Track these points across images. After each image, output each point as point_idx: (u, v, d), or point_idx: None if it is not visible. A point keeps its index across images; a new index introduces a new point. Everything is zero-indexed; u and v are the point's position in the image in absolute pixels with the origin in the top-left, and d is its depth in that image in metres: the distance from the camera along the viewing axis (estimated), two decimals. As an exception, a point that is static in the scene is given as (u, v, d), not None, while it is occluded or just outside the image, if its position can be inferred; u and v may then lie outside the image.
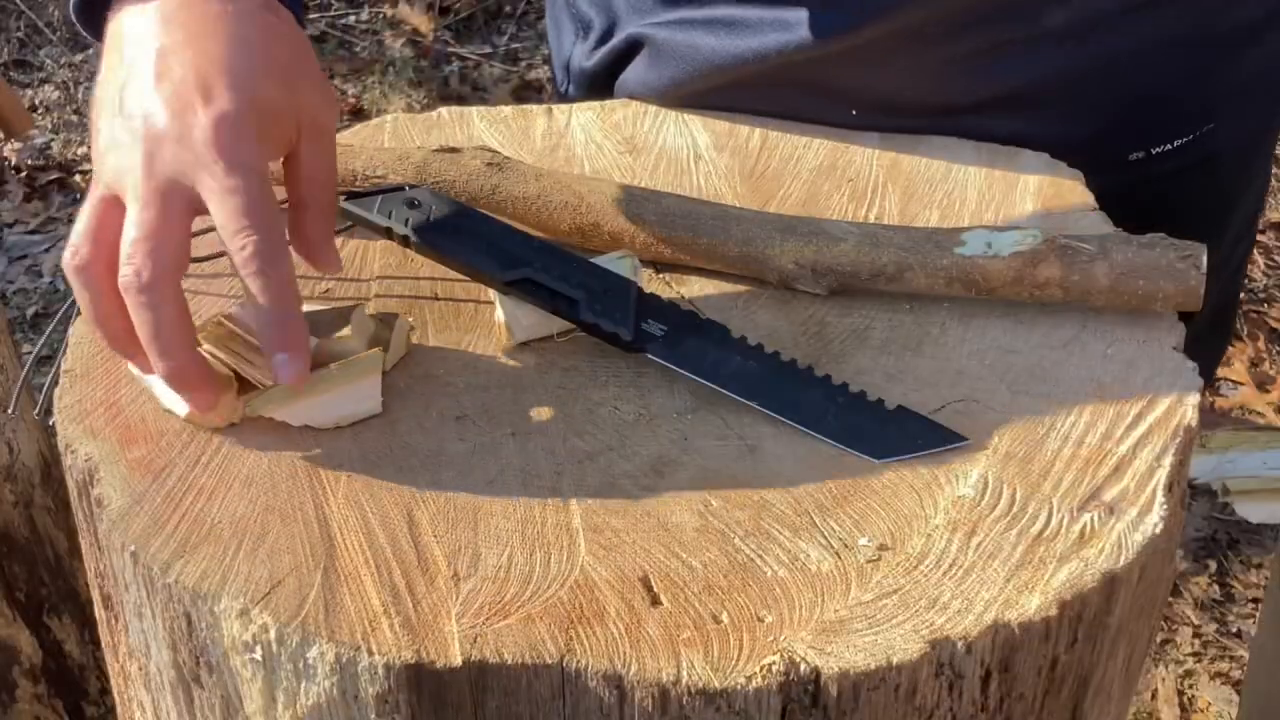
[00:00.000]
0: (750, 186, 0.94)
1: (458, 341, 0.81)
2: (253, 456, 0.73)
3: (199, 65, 0.71)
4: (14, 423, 1.46)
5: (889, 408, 0.75)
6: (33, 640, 1.53)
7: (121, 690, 0.82)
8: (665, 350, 0.77)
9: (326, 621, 0.64)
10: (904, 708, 0.64)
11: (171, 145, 0.69)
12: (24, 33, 3.35)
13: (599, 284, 0.78)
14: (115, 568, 0.71)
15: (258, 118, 0.71)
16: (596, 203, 0.86)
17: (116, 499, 0.70)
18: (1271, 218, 2.77)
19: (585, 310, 0.77)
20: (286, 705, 0.66)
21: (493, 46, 3.30)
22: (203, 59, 0.71)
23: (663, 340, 0.77)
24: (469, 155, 0.88)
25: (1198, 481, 2.18)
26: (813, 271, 0.83)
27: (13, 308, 2.58)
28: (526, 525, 0.69)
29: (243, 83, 0.71)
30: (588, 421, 0.75)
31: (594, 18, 1.05)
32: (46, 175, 2.95)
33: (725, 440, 0.74)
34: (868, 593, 0.65)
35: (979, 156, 0.95)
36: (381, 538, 0.68)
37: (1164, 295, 0.79)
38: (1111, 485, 0.71)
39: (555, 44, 1.14)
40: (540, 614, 0.64)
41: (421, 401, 0.77)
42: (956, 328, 0.81)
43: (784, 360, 0.77)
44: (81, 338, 0.80)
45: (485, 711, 0.64)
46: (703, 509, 0.70)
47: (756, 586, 0.66)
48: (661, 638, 0.63)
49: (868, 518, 0.70)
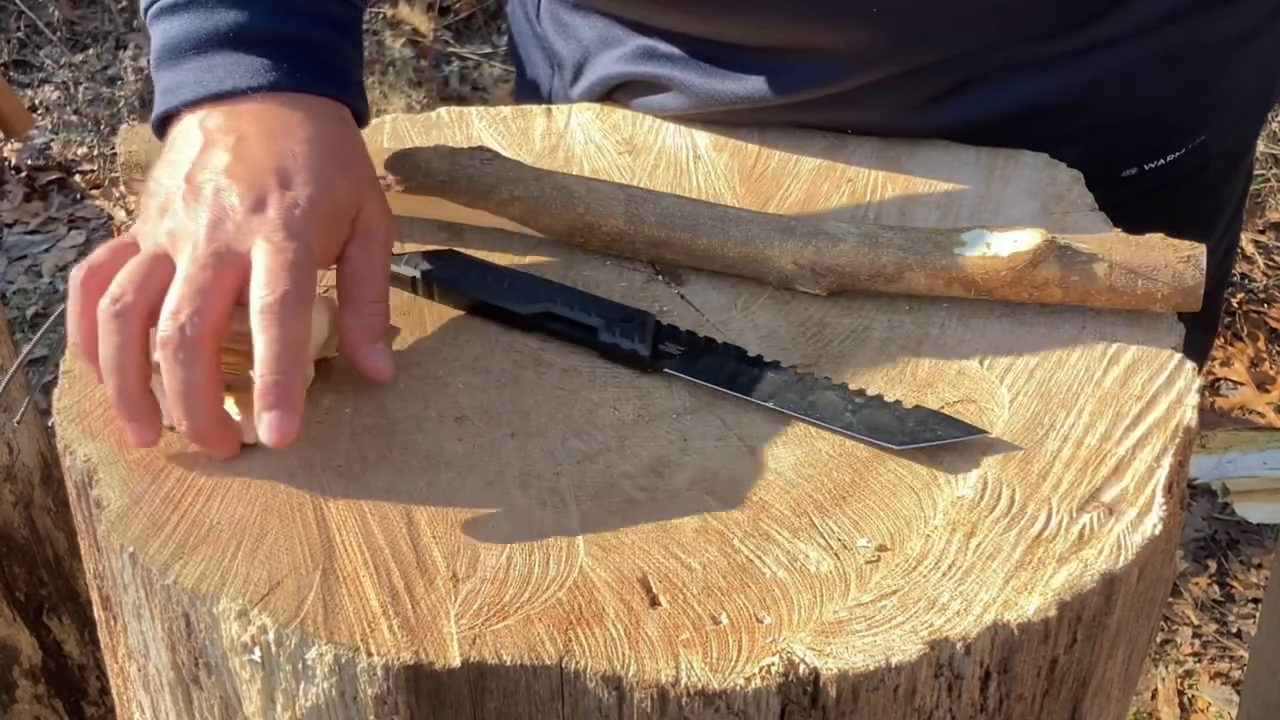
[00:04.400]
0: (750, 187, 0.94)
1: (457, 341, 0.81)
2: (252, 458, 0.73)
3: (279, 156, 0.74)
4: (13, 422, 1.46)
5: (906, 406, 0.75)
6: (33, 640, 1.53)
7: (121, 691, 0.82)
8: (683, 365, 0.78)
9: (325, 622, 0.64)
10: (903, 708, 0.64)
11: (239, 219, 0.72)
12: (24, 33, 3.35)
13: (616, 314, 0.80)
14: (114, 569, 0.71)
15: (327, 210, 0.74)
16: (596, 203, 0.86)
17: (115, 500, 0.70)
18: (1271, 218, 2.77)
19: (604, 333, 0.79)
20: (285, 706, 0.66)
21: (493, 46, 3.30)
22: (284, 152, 0.75)
23: (680, 358, 0.78)
24: (469, 155, 0.88)
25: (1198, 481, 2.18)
26: (812, 272, 0.83)
27: (12, 308, 2.58)
28: (526, 526, 0.69)
29: (319, 176, 0.74)
30: (587, 422, 0.75)
31: (565, 54, 1.05)
32: (46, 175, 2.95)
33: (725, 440, 0.74)
34: (867, 594, 0.65)
35: (978, 157, 0.95)
36: (380, 539, 0.68)
37: (1163, 295, 0.79)
38: (1111, 486, 0.71)
39: (528, 69, 1.13)
40: (539, 615, 0.64)
41: (420, 402, 0.77)
42: (956, 328, 0.81)
43: (801, 372, 0.77)
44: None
45: (484, 713, 0.64)
46: (702, 509, 0.70)
47: (755, 587, 0.66)
48: (660, 639, 0.63)
49: (867, 518, 0.70)
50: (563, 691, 0.63)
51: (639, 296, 0.85)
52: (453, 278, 0.83)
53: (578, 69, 1.04)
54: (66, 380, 0.78)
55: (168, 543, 0.68)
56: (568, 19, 1.04)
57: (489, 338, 0.81)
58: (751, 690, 0.61)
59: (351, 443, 0.74)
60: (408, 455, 0.73)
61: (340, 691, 0.64)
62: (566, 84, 1.06)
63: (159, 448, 0.73)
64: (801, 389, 0.76)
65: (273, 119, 0.77)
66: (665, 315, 0.83)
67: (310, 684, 0.64)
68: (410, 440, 0.74)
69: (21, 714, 1.53)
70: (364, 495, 0.71)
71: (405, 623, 0.64)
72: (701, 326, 0.82)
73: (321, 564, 0.67)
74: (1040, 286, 0.80)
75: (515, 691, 0.63)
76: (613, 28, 1.00)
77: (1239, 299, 2.55)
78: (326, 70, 0.81)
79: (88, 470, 0.72)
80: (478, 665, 0.62)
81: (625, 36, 0.99)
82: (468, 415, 0.76)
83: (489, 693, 0.63)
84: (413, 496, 0.71)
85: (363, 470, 0.72)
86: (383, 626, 0.64)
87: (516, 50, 1.15)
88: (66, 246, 2.75)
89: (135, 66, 3.12)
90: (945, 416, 0.74)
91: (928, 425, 0.73)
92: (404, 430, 0.75)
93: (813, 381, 0.77)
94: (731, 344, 0.80)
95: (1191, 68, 0.97)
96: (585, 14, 1.02)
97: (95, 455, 0.72)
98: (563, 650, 0.63)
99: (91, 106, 3.09)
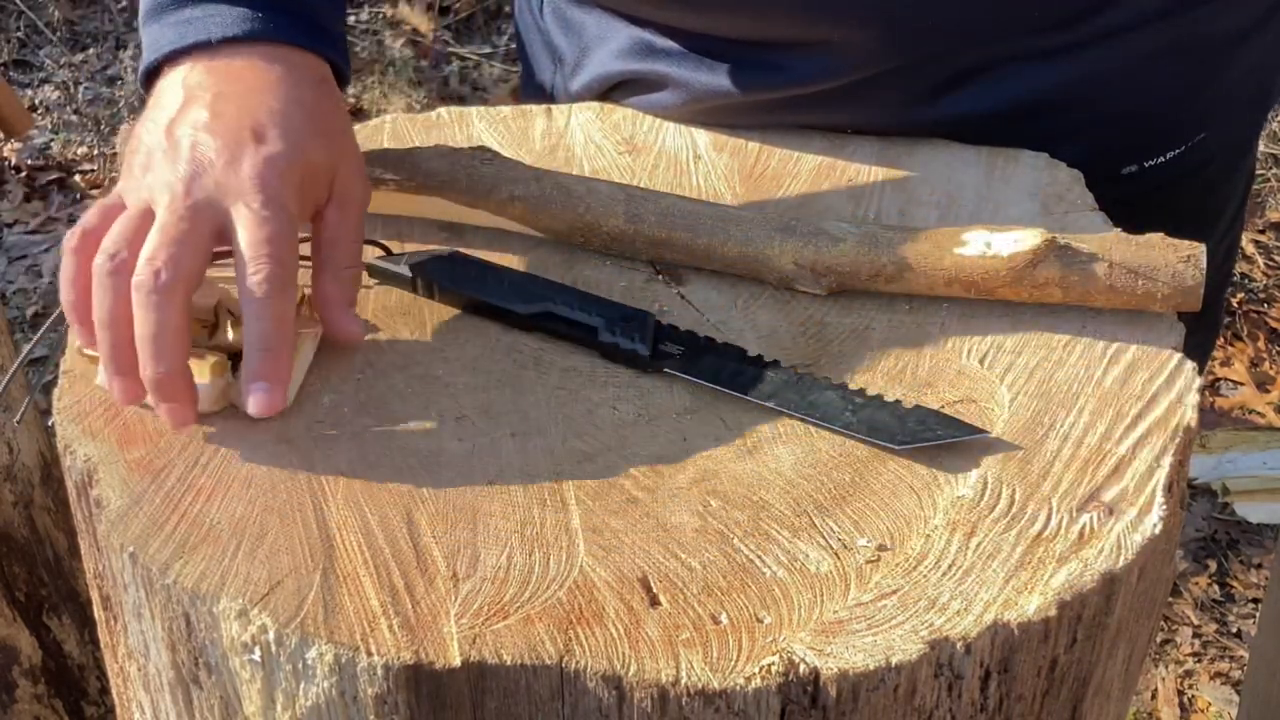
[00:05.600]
0: (750, 186, 0.94)
1: (457, 341, 0.81)
2: (252, 457, 0.73)
3: (255, 113, 0.75)
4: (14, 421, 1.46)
5: (906, 406, 0.75)
6: (33, 640, 1.53)
7: (121, 691, 0.82)
8: (683, 365, 0.78)
9: (325, 622, 0.64)
10: (903, 708, 0.64)
11: (216, 173, 0.73)
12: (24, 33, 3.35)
13: (617, 314, 0.80)
14: (114, 568, 0.71)
15: (301, 171, 0.75)
16: (596, 203, 0.86)
17: (115, 500, 0.70)
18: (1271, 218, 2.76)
19: (604, 333, 0.79)
20: (285, 706, 0.66)
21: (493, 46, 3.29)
22: (260, 109, 0.76)
23: (680, 358, 0.78)
24: (469, 155, 0.88)
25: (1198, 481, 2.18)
26: (812, 271, 0.83)
27: (12, 308, 2.58)
28: (526, 526, 0.69)
29: (294, 137, 0.75)
30: (587, 422, 0.75)
31: (565, 49, 1.06)
32: (46, 175, 2.94)
33: (725, 440, 0.74)
34: (867, 593, 0.65)
35: (978, 157, 0.95)
36: (380, 538, 0.68)
37: (1164, 295, 0.79)
38: (1111, 486, 0.71)
39: (533, 67, 1.13)
40: (539, 615, 0.64)
41: (421, 401, 0.77)
42: (956, 328, 0.81)
43: (800, 372, 0.77)
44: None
45: (484, 712, 0.64)
46: (702, 509, 0.70)
47: (755, 587, 0.66)
48: (661, 638, 0.63)
49: (867, 518, 0.70)
50: (563, 691, 0.63)
51: (639, 296, 0.85)
52: (453, 278, 0.83)
53: (577, 63, 1.04)
54: (66, 380, 0.78)
55: (168, 542, 0.68)
56: (569, 13, 1.04)
57: (489, 338, 0.81)
58: (751, 690, 0.61)
59: (351, 442, 0.74)
60: (408, 455, 0.73)
61: (340, 691, 0.64)
62: (568, 79, 1.06)
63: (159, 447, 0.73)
64: (801, 389, 0.76)
65: (252, 76, 0.78)
66: (665, 315, 0.83)
67: (310, 684, 0.64)
68: (410, 439, 0.74)
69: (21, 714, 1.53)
70: (364, 495, 0.71)
71: (405, 622, 0.64)
72: (701, 326, 0.82)
73: (321, 564, 0.67)
74: (1040, 286, 0.80)
75: (515, 691, 0.63)
76: (611, 21, 1.00)
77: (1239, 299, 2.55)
78: (304, 23, 0.82)
79: (88, 470, 0.72)
80: (478, 665, 0.62)
81: (623, 29, 0.99)
82: (468, 415, 0.76)
83: (489, 692, 0.63)
84: (413, 496, 0.71)
85: (363, 470, 0.72)
86: (383, 626, 0.64)
87: (522, 46, 1.15)
88: (66, 246, 2.74)
89: (135, 66, 3.12)
90: (945, 416, 0.74)
91: (928, 425, 0.73)
92: (404, 430, 0.75)
93: (813, 381, 0.77)
94: (731, 344, 0.80)
95: (1191, 64, 0.96)
96: (586, 9, 1.02)
97: (95, 455, 0.72)
98: (563, 650, 0.63)
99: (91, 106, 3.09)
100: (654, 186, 0.92)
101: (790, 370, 0.78)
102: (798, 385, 0.76)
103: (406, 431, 0.75)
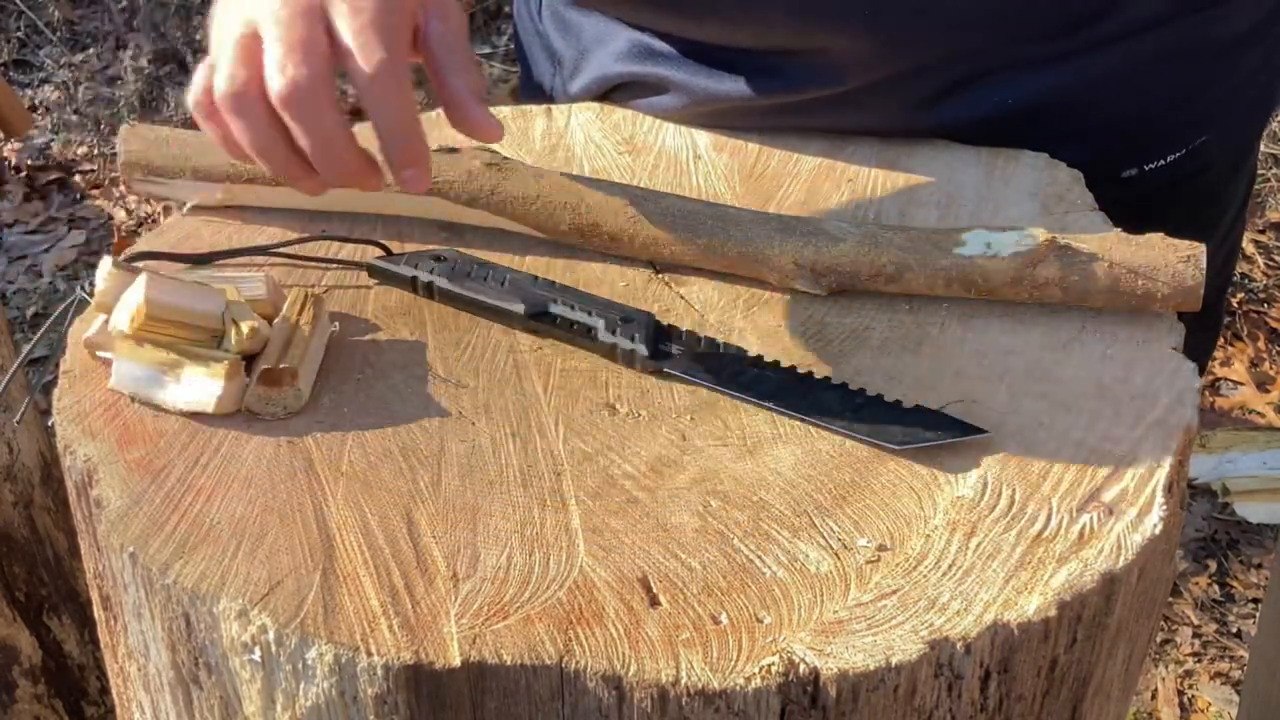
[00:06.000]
0: (750, 186, 0.94)
1: (458, 341, 0.81)
2: (252, 457, 0.73)
3: None
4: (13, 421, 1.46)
5: (906, 406, 0.75)
6: (33, 640, 1.53)
7: (121, 691, 0.82)
8: (683, 365, 0.78)
9: (325, 622, 0.64)
10: (903, 708, 0.64)
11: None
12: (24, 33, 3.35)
13: (617, 314, 0.80)
14: (114, 568, 0.71)
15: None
16: (596, 203, 0.86)
17: (115, 500, 0.70)
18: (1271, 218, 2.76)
19: (604, 333, 0.79)
20: (285, 706, 0.66)
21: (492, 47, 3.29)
22: None
23: (680, 358, 0.78)
24: (469, 155, 0.88)
25: (1198, 481, 2.18)
26: (813, 271, 0.83)
27: (13, 308, 2.58)
28: (526, 526, 0.69)
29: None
30: (587, 422, 0.75)
31: (564, 51, 1.05)
32: (46, 175, 2.95)
33: (725, 440, 0.74)
34: (867, 593, 0.65)
35: (978, 157, 0.95)
36: (380, 538, 0.68)
37: (1164, 295, 0.79)
38: (1111, 485, 0.71)
39: (532, 68, 1.13)
40: (539, 615, 0.64)
41: (421, 402, 0.77)
42: (956, 328, 0.81)
43: (800, 372, 0.77)
44: (80, 338, 0.80)
45: (484, 712, 0.64)
46: (702, 509, 0.70)
47: (755, 587, 0.66)
48: (660, 639, 0.63)
49: (867, 518, 0.70)
50: (563, 691, 0.63)
51: (639, 296, 0.85)
52: (453, 278, 0.83)
53: (575, 65, 1.04)
54: (66, 380, 0.78)
55: (168, 543, 0.68)
56: (567, 15, 1.04)
57: (489, 338, 0.81)
58: (751, 690, 0.61)
59: (351, 442, 0.74)
60: (408, 455, 0.73)
61: (340, 691, 0.64)
62: (567, 80, 1.06)
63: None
64: (801, 389, 0.76)
65: None
66: (665, 315, 0.83)
67: (310, 684, 0.64)
68: (410, 439, 0.74)
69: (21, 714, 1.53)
70: (364, 495, 0.71)
71: (405, 623, 0.64)
72: (701, 326, 0.82)
73: (321, 564, 0.67)
74: (1040, 286, 0.80)
75: (515, 691, 0.63)
76: (609, 24, 1.00)
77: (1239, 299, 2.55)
78: None
79: (88, 470, 0.72)
80: (478, 665, 0.62)
81: (622, 32, 0.99)
82: (468, 415, 0.76)
83: (489, 692, 0.63)
84: (413, 496, 0.71)
85: (363, 470, 0.72)
86: (383, 626, 0.64)
87: (520, 47, 1.15)
88: (66, 246, 2.75)
89: (135, 66, 3.12)
90: (945, 416, 0.74)
91: (928, 425, 0.73)
92: (404, 430, 0.75)
93: (813, 381, 0.77)
94: (732, 344, 0.80)
95: (1191, 68, 0.97)
96: (584, 12, 1.02)
97: (95, 455, 0.72)
98: (563, 650, 0.63)
99: (91, 106, 3.09)
100: (654, 186, 0.92)
101: (790, 370, 0.78)
102: (798, 385, 0.77)
103: (406, 431, 0.75)
